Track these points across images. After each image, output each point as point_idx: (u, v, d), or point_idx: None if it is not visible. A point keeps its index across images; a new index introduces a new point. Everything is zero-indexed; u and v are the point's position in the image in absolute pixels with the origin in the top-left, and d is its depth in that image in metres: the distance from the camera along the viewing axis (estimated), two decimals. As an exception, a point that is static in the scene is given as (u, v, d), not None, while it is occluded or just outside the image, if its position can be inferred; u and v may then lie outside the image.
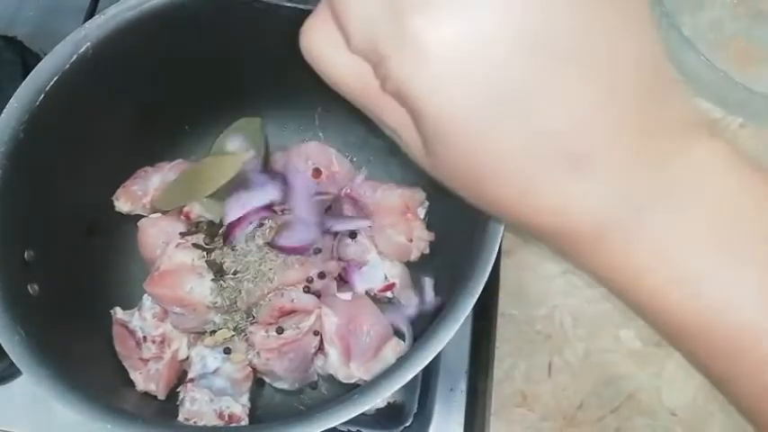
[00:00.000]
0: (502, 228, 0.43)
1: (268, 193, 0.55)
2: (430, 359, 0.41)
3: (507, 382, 0.55)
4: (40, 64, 0.48)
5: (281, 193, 0.55)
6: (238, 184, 0.56)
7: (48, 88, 0.48)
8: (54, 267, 0.49)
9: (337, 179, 0.59)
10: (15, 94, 0.47)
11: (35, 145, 0.47)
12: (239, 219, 0.54)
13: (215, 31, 0.54)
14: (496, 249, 0.43)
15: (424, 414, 0.56)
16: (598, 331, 0.56)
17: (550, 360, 0.56)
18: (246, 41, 0.55)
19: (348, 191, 0.58)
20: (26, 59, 0.71)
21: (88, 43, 0.49)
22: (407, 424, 0.56)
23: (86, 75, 0.49)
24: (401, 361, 0.42)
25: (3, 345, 0.41)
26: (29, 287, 0.45)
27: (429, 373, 0.57)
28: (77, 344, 0.49)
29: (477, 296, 0.42)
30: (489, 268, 0.42)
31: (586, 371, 0.55)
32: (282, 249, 0.52)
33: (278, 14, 0.53)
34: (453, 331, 0.41)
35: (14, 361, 0.40)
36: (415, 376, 0.41)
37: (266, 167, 0.60)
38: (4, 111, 0.46)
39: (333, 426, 0.40)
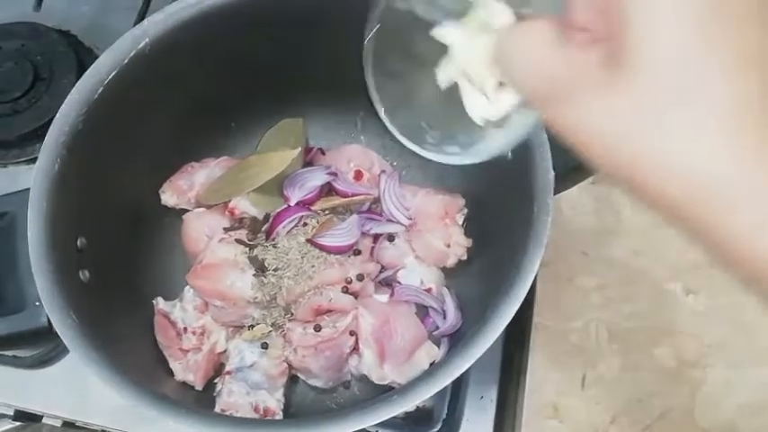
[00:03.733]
0: (545, 239, 0.44)
1: (322, 176, 0.57)
2: (468, 366, 0.41)
3: (539, 393, 0.55)
4: (100, 58, 0.49)
5: (333, 178, 0.57)
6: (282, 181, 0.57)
7: (107, 81, 0.49)
8: (103, 256, 0.50)
9: (378, 181, 0.60)
10: (76, 86, 0.48)
11: (92, 136, 0.49)
12: (282, 214, 0.55)
13: (266, 33, 0.55)
14: (539, 259, 0.43)
15: (452, 420, 0.57)
16: (633, 347, 0.56)
17: (584, 373, 0.55)
18: (295, 45, 0.57)
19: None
20: (79, 53, 0.73)
21: (147, 39, 0.50)
22: (436, 429, 0.56)
23: (143, 70, 0.51)
24: (438, 366, 0.43)
25: (57, 328, 0.42)
26: (80, 273, 0.47)
27: (460, 380, 0.57)
28: (121, 331, 0.51)
29: (518, 305, 0.42)
30: (532, 278, 0.42)
31: (620, 386, 0.55)
32: (323, 248, 0.53)
33: (328, 22, 0.54)
34: (492, 340, 0.42)
35: (67, 344, 0.42)
36: (445, 382, 0.41)
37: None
38: (65, 102, 0.48)
39: (367, 426, 0.41)
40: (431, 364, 0.53)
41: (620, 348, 0.56)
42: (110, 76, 0.49)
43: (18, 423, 0.66)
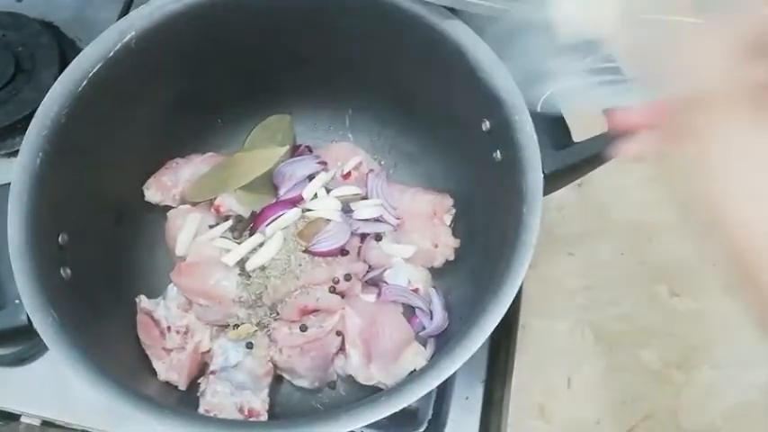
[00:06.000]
0: (534, 240, 0.43)
1: (312, 166, 0.57)
2: (456, 368, 0.41)
3: (525, 393, 0.55)
4: (84, 50, 0.48)
5: (323, 167, 0.57)
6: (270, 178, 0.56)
7: (91, 75, 0.48)
8: (85, 253, 0.49)
9: (366, 180, 0.59)
10: (60, 78, 0.47)
11: (75, 130, 0.48)
12: (267, 210, 0.55)
13: (254, 29, 0.54)
14: (528, 261, 0.43)
15: (438, 421, 0.57)
16: (618, 349, 0.56)
17: (570, 374, 0.56)
18: (284, 40, 0.56)
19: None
20: (62, 45, 0.72)
21: (132, 33, 0.49)
22: (421, 430, 0.56)
23: (128, 64, 0.50)
24: (426, 368, 0.43)
25: (36, 325, 0.41)
26: (62, 271, 0.46)
27: (446, 381, 0.57)
28: (103, 329, 0.50)
29: (507, 307, 0.42)
30: (521, 280, 0.42)
31: (605, 388, 0.55)
32: (315, 254, 0.53)
33: (318, 18, 0.54)
34: (480, 342, 0.41)
35: (47, 342, 0.41)
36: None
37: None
38: (48, 94, 0.47)
39: (354, 428, 0.41)
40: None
41: (606, 350, 0.56)
42: (94, 70, 0.48)
43: (-5, 422, 0.64)
